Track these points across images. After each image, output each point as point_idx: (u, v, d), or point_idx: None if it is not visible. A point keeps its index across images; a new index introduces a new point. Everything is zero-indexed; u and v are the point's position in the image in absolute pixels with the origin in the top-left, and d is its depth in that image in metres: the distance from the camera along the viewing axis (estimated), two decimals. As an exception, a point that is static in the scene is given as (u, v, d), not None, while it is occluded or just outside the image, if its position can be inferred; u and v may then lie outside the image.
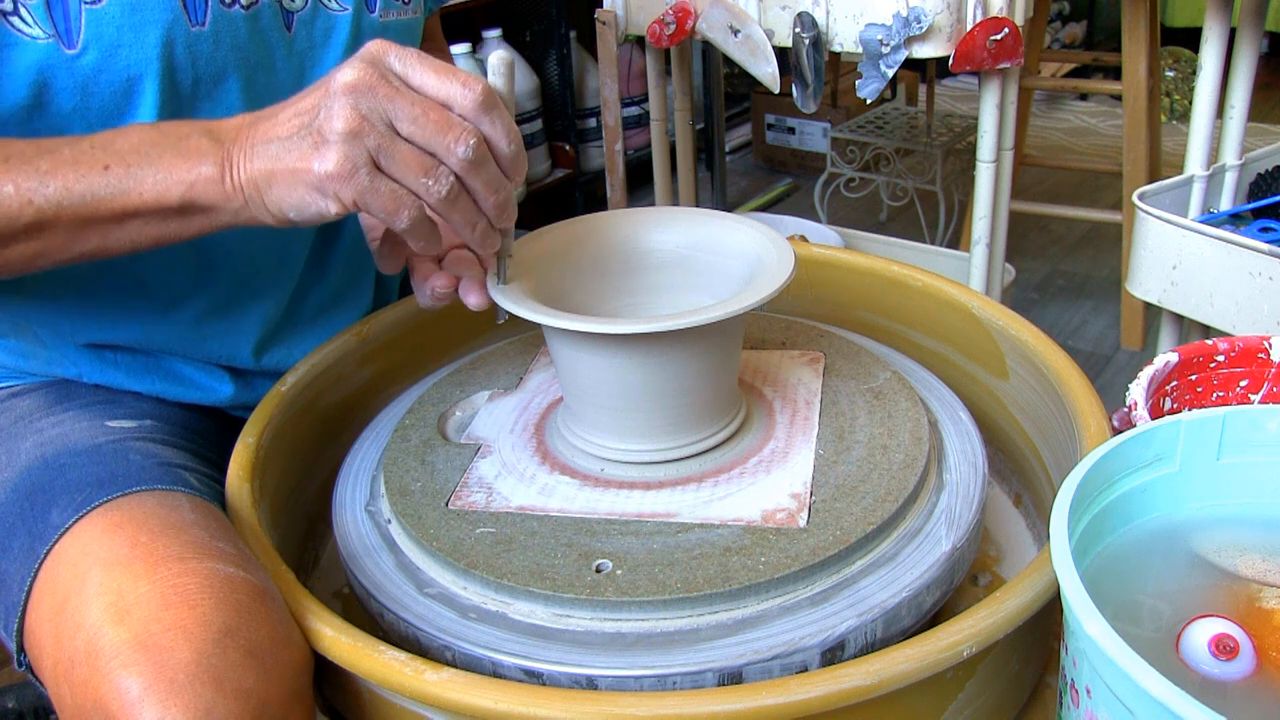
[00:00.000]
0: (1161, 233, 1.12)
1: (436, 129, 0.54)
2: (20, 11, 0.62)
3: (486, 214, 0.59)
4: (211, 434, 0.79)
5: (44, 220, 0.58)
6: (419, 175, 0.55)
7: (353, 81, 0.54)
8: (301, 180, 0.55)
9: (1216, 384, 0.75)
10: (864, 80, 1.24)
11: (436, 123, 0.54)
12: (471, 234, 0.59)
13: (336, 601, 0.73)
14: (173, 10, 0.66)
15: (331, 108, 0.54)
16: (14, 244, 0.59)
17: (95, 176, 0.57)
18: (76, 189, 0.57)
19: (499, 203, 0.58)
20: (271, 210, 0.57)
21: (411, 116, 0.54)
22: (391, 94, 0.54)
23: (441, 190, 0.55)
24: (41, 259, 0.60)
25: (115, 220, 0.59)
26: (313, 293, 0.83)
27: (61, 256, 0.60)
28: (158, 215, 0.59)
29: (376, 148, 0.54)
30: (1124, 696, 0.42)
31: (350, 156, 0.54)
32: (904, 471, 0.63)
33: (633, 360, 0.62)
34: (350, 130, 0.53)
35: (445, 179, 0.55)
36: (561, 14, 2.25)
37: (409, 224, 0.56)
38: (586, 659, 0.54)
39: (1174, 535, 0.53)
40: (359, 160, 0.54)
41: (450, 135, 0.54)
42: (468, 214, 0.58)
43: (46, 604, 0.58)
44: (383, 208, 0.55)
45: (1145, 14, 1.67)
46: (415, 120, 0.54)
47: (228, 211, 0.58)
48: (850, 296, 0.88)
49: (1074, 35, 3.61)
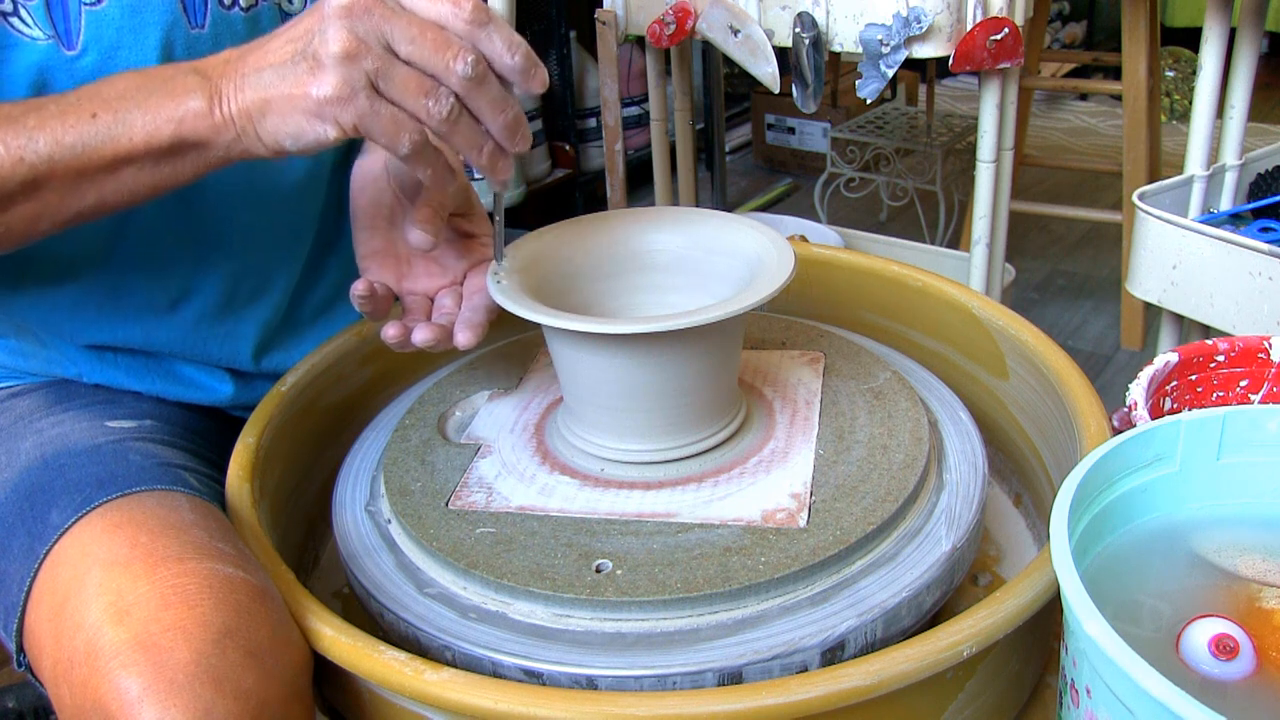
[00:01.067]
0: (1161, 233, 1.12)
1: (434, 48, 0.53)
2: (20, 13, 0.62)
3: (494, 135, 0.57)
4: (211, 434, 0.79)
5: (38, 177, 0.56)
6: (418, 96, 0.54)
7: (348, 4, 0.53)
8: (298, 106, 0.54)
9: (1216, 384, 0.75)
10: (864, 80, 1.24)
11: (434, 42, 0.53)
12: (479, 158, 0.57)
13: (336, 601, 0.73)
14: (172, 12, 0.66)
15: (326, 31, 0.53)
16: (12, 206, 0.58)
17: (84, 125, 0.56)
18: (66, 140, 0.56)
19: (507, 122, 0.56)
20: (266, 141, 0.56)
21: (409, 37, 0.53)
22: (387, 15, 0.53)
23: (442, 110, 0.54)
24: (42, 220, 0.59)
25: (109, 169, 0.57)
26: (311, 295, 0.83)
27: (62, 215, 0.59)
28: (150, 158, 0.57)
29: (375, 70, 0.53)
30: (1124, 696, 0.42)
31: (348, 79, 0.53)
32: (904, 471, 0.63)
33: (633, 360, 0.62)
34: (347, 52, 0.52)
35: (445, 99, 0.54)
36: (561, 14, 2.25)
37: (411, 148, 0.55)
38: (586, 659, 0.54)
39: (1174, 535, 0.53)
40: (357, 83, 0.53)
41: (448, 53, 0.53)
42: (472, 136, 0.56)
43: (46, 604, 0.58)
44: (383, 131, 0.54)
45: (1145, 14, 1.67)
46: (413, 40, 0.53)
47: (220, 146, 0.57)
48: (850, 296, 0.88)
49: (1074, 35, 3.61)
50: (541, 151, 2.35)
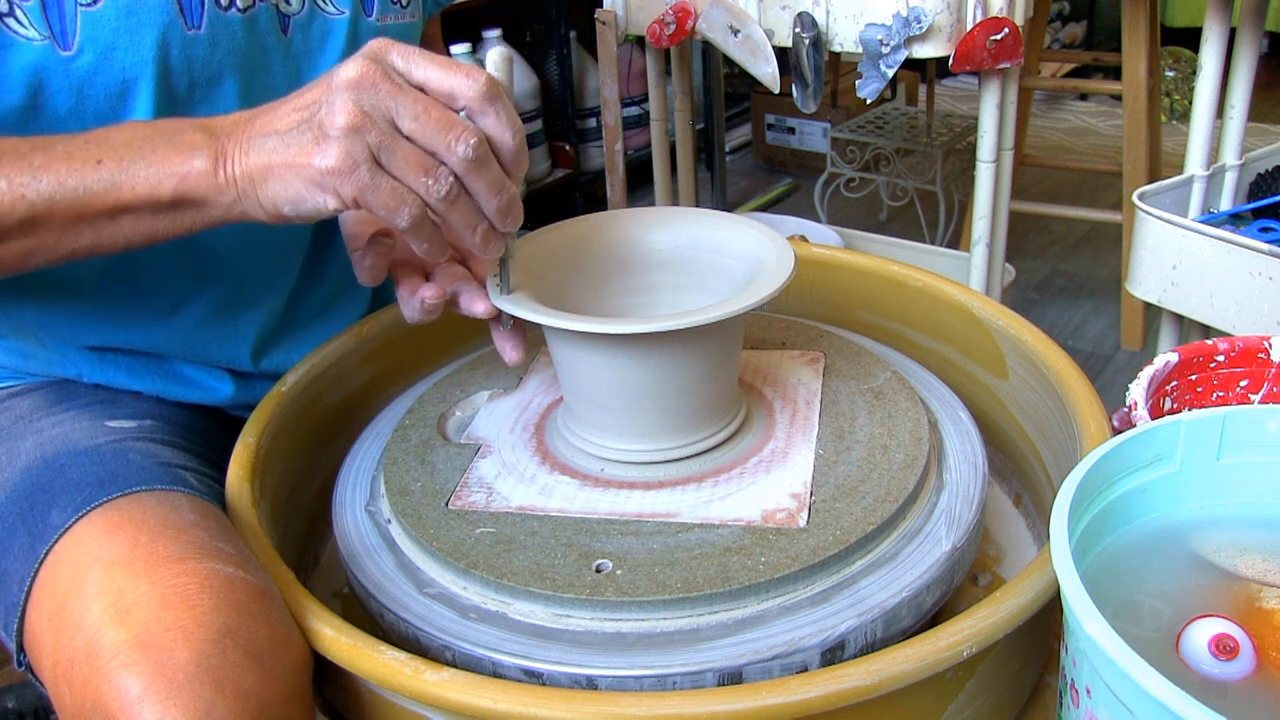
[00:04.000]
0: (1161, 233, 1.12)
1: (437, 127, 0.54)
2: (15, 13, 0.62)
3: (488, 216, 0.58)
4: (211, 434, 0.79)
5: (36, 216, 0.57)
6: (419, 174, 0.54)
7: (355, 77, 0.53)
8: (300, 175, 0.55)
9: (1216, 384, 0.75)
10: (864, 80, 1.24)
11: (438, 121, 0.54)
12: (472, 237, 0.58)
13: (336, 601, 0.73)
14: (168, 13, 0.66)
15: (334, 103, 0.53)
16: (7, 240, 0.58)
17: (88, 171, 0.57)
18: (69, 183, 0.57)
19: (502, 205, 0.57)
20: (265, 205, 0.57)
21: (413, 114, 0.54)
22: (394, 91, 0.54)
23: (441, 190, 0.55)
24: (36, 255, 0.60)
25: (108, 215, 0.58)
26: (310, 296, 0.83)
27: (55, 254, 0.60)
28: (150, 210, 0.58)
29: (378, 144, 0.54)
30: (1124, 696, 0.42)
31: (351, 152, 0.53)
32: (904, 471, 0.63)
33: (633, 360, 0.62)
34: (352, 126, 0.53)
35: (445, 179, 0.55)
36: (561, 14, 2.25)
37: (410, 222, 0.56)
38: (586, 659, 0.54)
39: (1174, 535, 0.53)
40: (360, 156, 0.53)
41: (451, 134, 0.54)
42: (468, 215, 0.57)
43: (46, 604, 0.58)
44: (383, 204, 0.55)
45: (1145, 14, 1.67)
46: (417, 118, 0.54)
47: (220, 206, 0.58)
48: (850, 296, 0.88)
49: (1074, 35, 3.61)
50: (541, 151, 2.35)
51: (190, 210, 0.58)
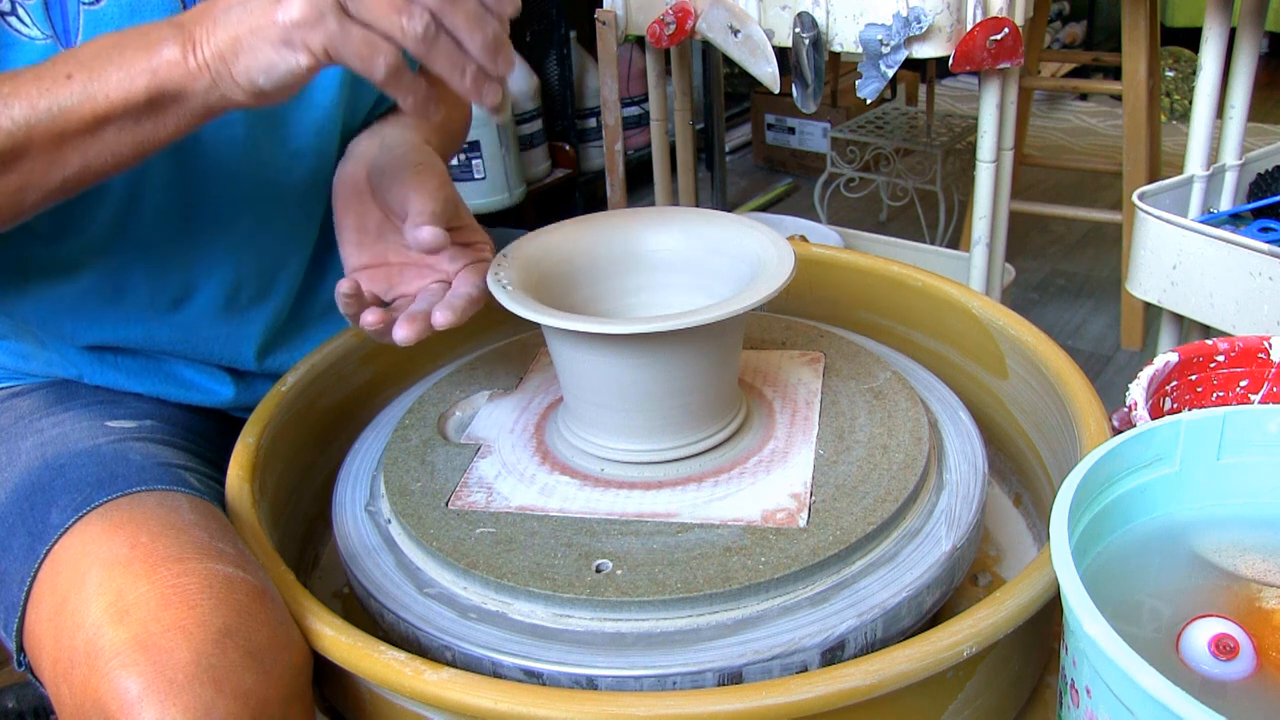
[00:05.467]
0: (1161, 233, 1.12)
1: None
2: (18, 12, 0.62)
3: (474, 56, 0.55)
4: (211, 434, 0.78)
5: (16, 145, 0.55)
6: (390, 14, 0.52)
7: None
8: (266, 37, 0.53)
9: (1216, 384, 0.75)
10: (864, 80, 1.24)
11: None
12: (462, 81, 0.55)
13: (336, 601, 0.73)
14: (171, 11, 0.65)
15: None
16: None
17: (59, 88, 0.55)
18: (41, 104, 0.55)
19: (486, 41, 0.54)
20: (241, 83, 0.54)
21: None
22: None
23: (417, 28, 0.52)
24: (28, 191, 0.58)
25: (89, 130, 0.56)
26: (317, 294, 0.82)
27: (47, 184, 0.58)
28: (130, 116, 0.56)
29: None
30: (1124, 696, 0.42)
31: (314, 2, 0.51)
32: (904, 471, 0.63)
33: (633, 360, 0.62)
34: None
35: (419, 16, 0.52)
36: (561, 14, 2.25)
37: (387, 70, 0.53)
38: (586, 659, 0.54)
39: (1174, 535, 0.53)
40: (324, 5, 0.51)
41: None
42: (451, 55, 0.54)
43: (46, 604, 0.58)
44: (356, 54, 0.52)
45: (1145, 14, 1.67)
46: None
47: (197, 94, 0.55)
48: (850, 296, 0.88)
49: (1074, 35, 3.61)
50: (541, 151, 2.35)
51: (171, 107, 0.56)
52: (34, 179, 0.57)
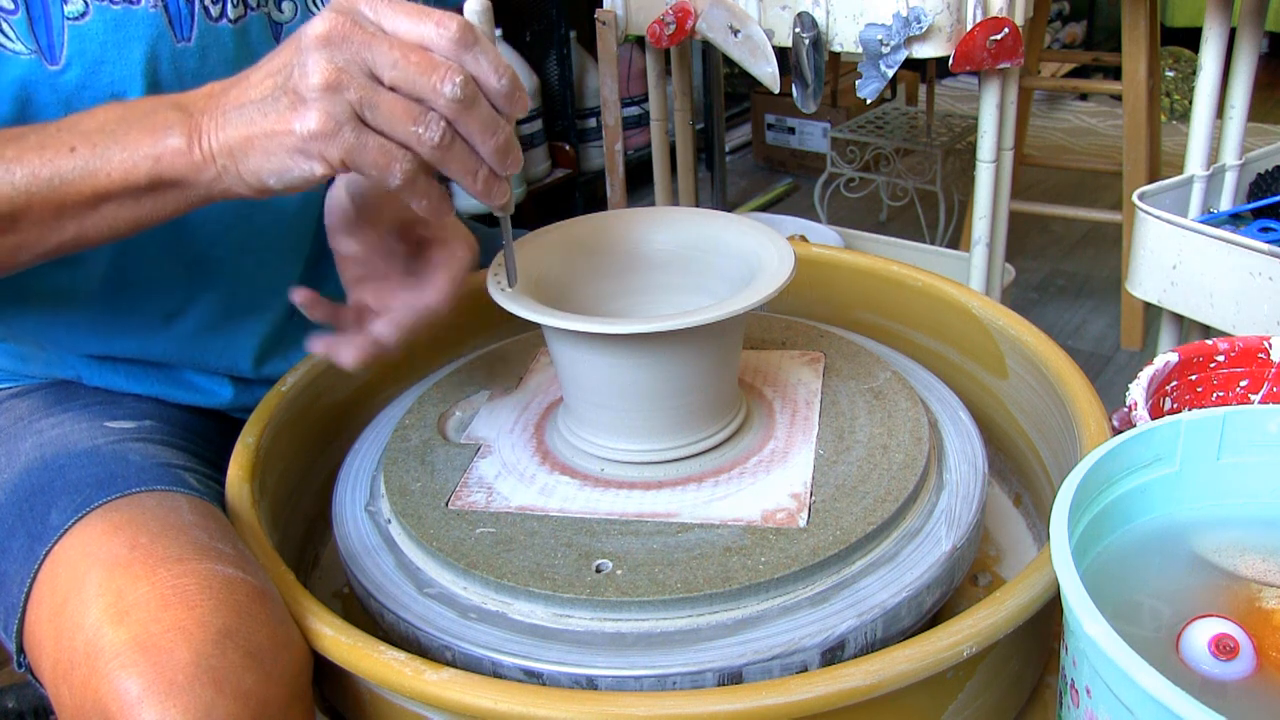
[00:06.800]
0: (1161, 233, 1.12)
1: (419, 71, 0.50)
2: (2, 26, 0.62)
3: (486, 160, 0.54)
4: (211, 434, 0.78)
5: (15, 210, 0.55)
6: (407, 124, 0.51)
7: (325, 32, 0.50)
8: (281, 144, 0.52)
9: (1216, 384, 0.75)
10: (864, 80, 1.24)
11: (419, 65, 0.50)
12: (474, 184, 0.55)
13: (336, 601, 0.73)
14: (157, 26, 0.64)
15: (306, 63, 0.50)
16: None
17: (62, 159, 0.55)
18: (43, 174, 0.55)
19: (499, 145, 0.54)
20: (248, 179, 0.54)
21: (391, 62, 0.50)
22: (368, 40, 0.50)
23: (434, 137, 0.51)
24: (22, 251, 0.58)
25: (88, 204, 0.56)
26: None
27: (41, 248, 0.58)
28: (129, 195, 0.56)
29: (359, 100, 0.50)
30: (1124, 696, 0.42)
31: (332, 112, 0.50)
32: (904, 471, 0.63)
33: (633, 360, 0.62)
34: (329, 84, 0.50)
35: (436, 124, 0.51)
36: (561, 14, 2.25)
37: (403, 179, 0.53)
38: (586, 659, 0.54)
39: (1174, 535, 0.53)
40: (342, 115, 0.50)
41: (435, 76, 0.50)
42: (465, 162, 0.54)
43: (46, 605, 0.58)
44: (373, 164, 0.52)
45: (1145, 14, 1.67)
46: (396, 65, 0.50)
47: (200, 184, 0.55)
48: (850, 296, 0.88)
49: (1074, 35, 3.61)
50: (541, 151, 2.35)
51: (171, 191, 0.56)
52: (29, 242, 0.57)
